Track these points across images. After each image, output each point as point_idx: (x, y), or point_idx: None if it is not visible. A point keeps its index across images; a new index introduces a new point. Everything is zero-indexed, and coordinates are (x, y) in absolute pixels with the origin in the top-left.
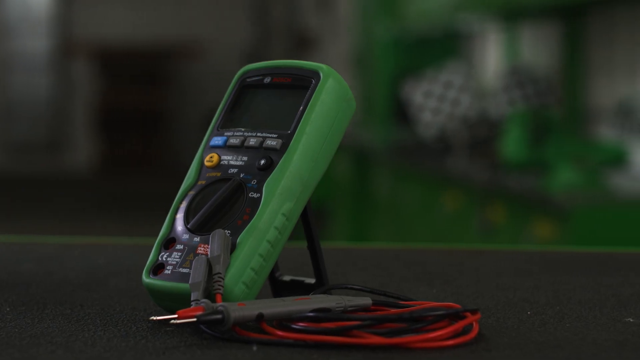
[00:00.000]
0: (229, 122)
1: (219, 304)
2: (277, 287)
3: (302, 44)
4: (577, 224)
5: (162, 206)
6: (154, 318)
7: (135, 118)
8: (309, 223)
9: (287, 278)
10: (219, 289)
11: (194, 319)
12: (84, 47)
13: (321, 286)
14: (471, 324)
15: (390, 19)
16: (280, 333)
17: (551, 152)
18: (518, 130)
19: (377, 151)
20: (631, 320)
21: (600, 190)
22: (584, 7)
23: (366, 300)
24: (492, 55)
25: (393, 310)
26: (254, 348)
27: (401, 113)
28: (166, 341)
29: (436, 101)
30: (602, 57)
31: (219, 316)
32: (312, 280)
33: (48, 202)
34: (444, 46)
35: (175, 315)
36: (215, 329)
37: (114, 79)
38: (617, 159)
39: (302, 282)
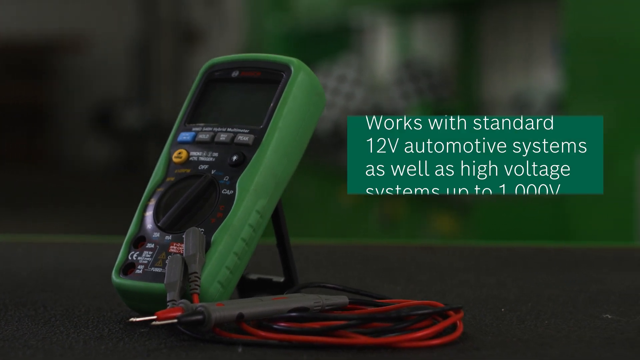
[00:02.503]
0: (196, 117)
1: (199, 305)
2: (244, 286)
3: (190, 38)
4: (478, 218)
5: (48, 201)
6: (134, 320)
7: (19, 113)
8: (279, 220)
9: (254, 276)
10: (196, 289)
11: (175, 320)
12: None
13: (291, 284)
14: (455, 323)
15: (281, 12)
16: (264, 334)
17: None
18: None
19: None
20: (609, 316)
21: None
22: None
23: (343, 299)
24: (384, 49)
25: (374, 310)
26: (239, 350)
27: None
28: (145, 343)
29: (330, 95)
30: (496, 50)
31: (200, 317)
32: (281, 279)
33: None
34: (336, 40)
35: (155, 317)
36: (196, 330)
37: None
38: None
39: (270, 280)
